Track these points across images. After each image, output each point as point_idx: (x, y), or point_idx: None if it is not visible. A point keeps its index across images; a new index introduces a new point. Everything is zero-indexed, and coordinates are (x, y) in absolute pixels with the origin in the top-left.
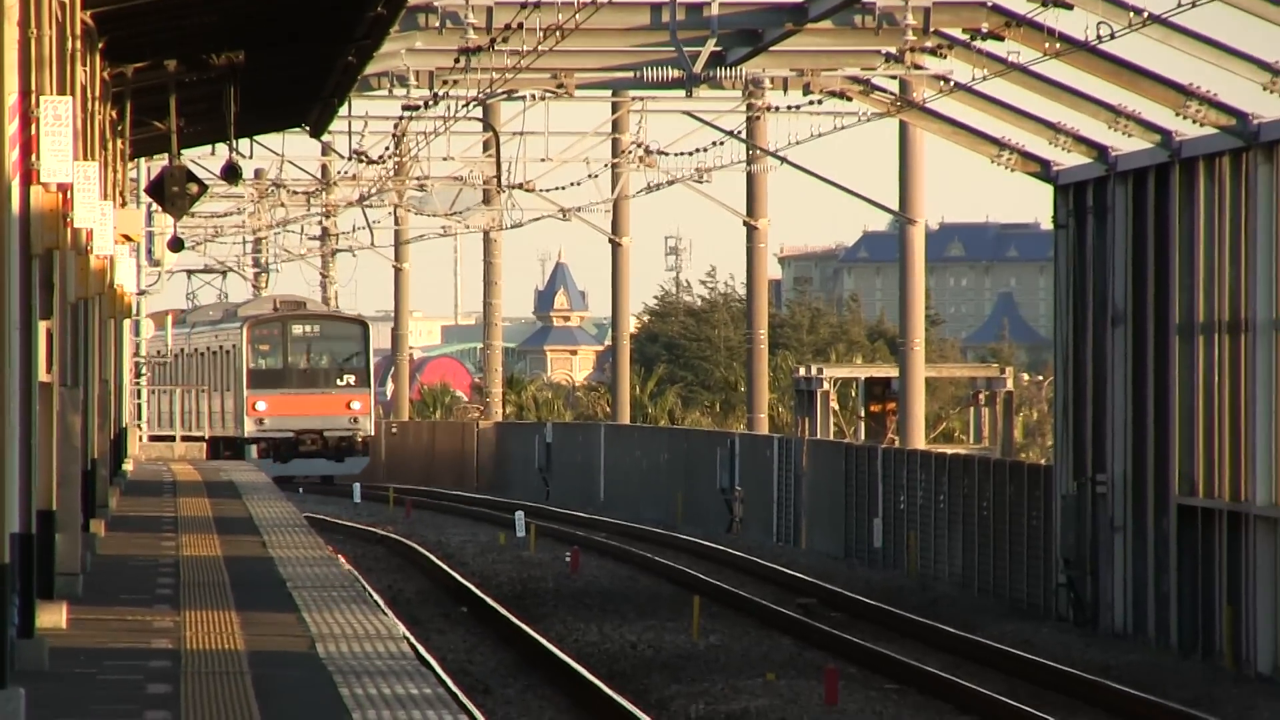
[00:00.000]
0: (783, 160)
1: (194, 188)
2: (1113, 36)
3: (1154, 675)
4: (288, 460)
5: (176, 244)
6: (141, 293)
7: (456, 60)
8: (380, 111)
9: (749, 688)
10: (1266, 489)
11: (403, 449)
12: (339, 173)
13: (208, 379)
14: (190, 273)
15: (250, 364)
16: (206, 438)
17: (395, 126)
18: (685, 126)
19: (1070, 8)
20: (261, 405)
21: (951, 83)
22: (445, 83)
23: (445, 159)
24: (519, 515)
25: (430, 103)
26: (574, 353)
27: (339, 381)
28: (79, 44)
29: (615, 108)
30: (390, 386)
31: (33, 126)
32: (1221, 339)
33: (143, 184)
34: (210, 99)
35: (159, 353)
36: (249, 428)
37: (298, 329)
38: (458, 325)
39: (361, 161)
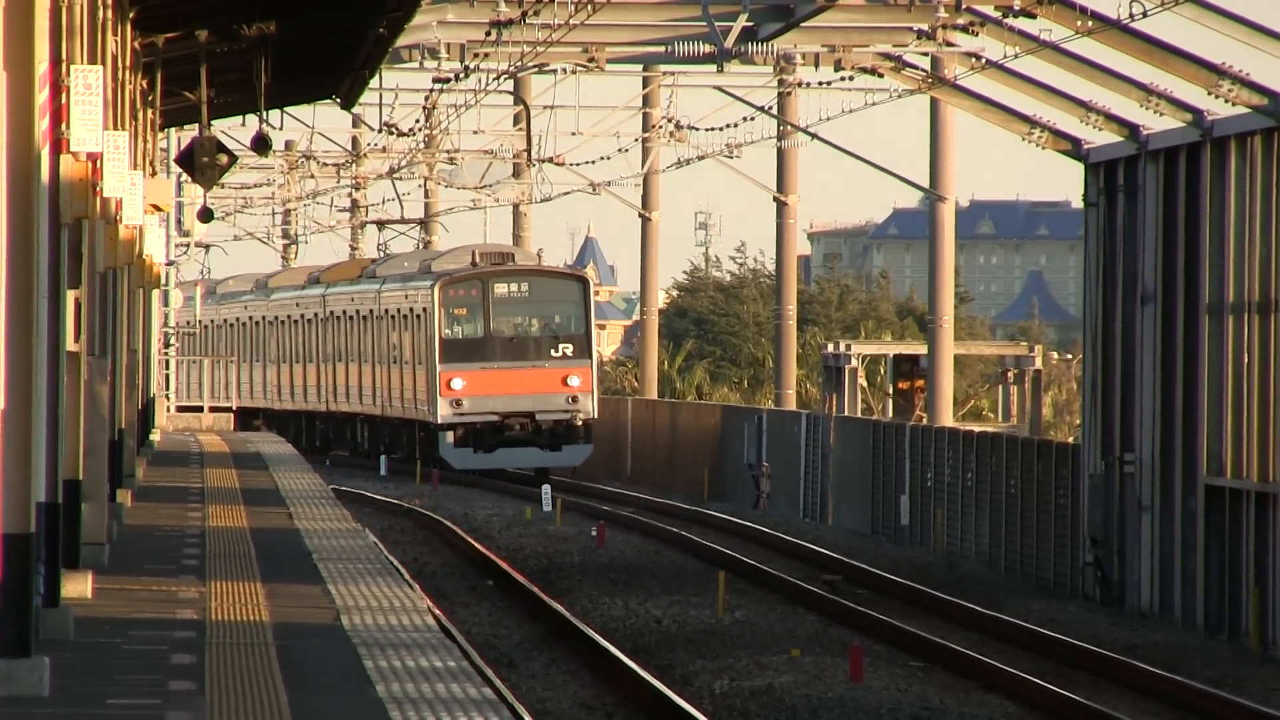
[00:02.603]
0: (813, 136)
1: (224, 158)
2: (1145, 15)
3: (1180, 655)
4: (492, 449)
5: (206, 214)
6: (171, 263)
7: (488, 33)
8: (411, 84)
9: (774, 664)
10: None
11: None
12: (369, 145)
13: (391, 347)
14: (381, 224)
15: (444, 331)
16: (235, 408)
17: (426, 99)
18: (716, 102)
19: None
20: (458, 383)
21: (983, 60)
22: (476, 55)
23: (476, 132)
24: (545, 489)
25: (461, 75)
26: (602, 327)
27: (553, 352)
28: (110, 13)
29: (646, 82)
30: None
31: (63, 95)
32: (1251, 319)
33: (173, 154)
34: (241, 69)
35: (189, 323)
36: (443, 411)
37: (502, 287)
38: None
39: (392, 134)
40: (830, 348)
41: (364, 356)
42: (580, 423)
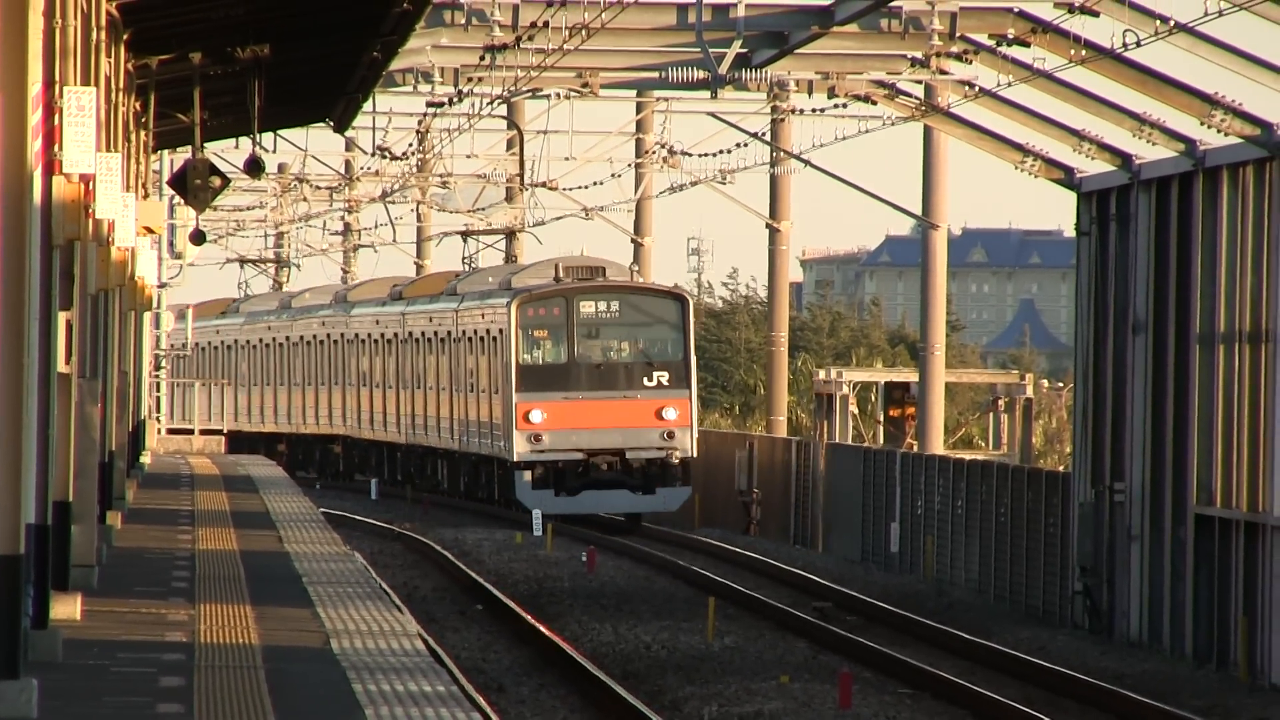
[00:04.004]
0: (806, 163)
1: (217, 181)
2: (1138, 44)
3: (1168, 684)
4: (575, 492)
5: (198, 237)
6: (162, 285)
7: (482, 57)
8: (404, 108)
9: (763, 690)
10: None
11: None
12: (362, 168)
13: (468, 373)
14: (465, 235)
15: (521, 357)
16: (225, 431)
17: (419, 123)
18: (709, 128)
19: (1096, 15)
20: (537, 415)
21: (976, 88)
22: (470, 80)
23: (469, 156)
24: (536, 514)
25: (454, 100)
26: None
27: (646, 381)
28: (104, 35)
29: (639, 108)
30: None
31: (56, 117)
32: (1242, 349)
33: (165, 176)
34: (235, 92)
35: (183, 345)
36: (519, 447)
37: (588, 306)
38: None
39: (385, 157)
40: (822, 374)
41: (442, 384)
42: (677, 461)
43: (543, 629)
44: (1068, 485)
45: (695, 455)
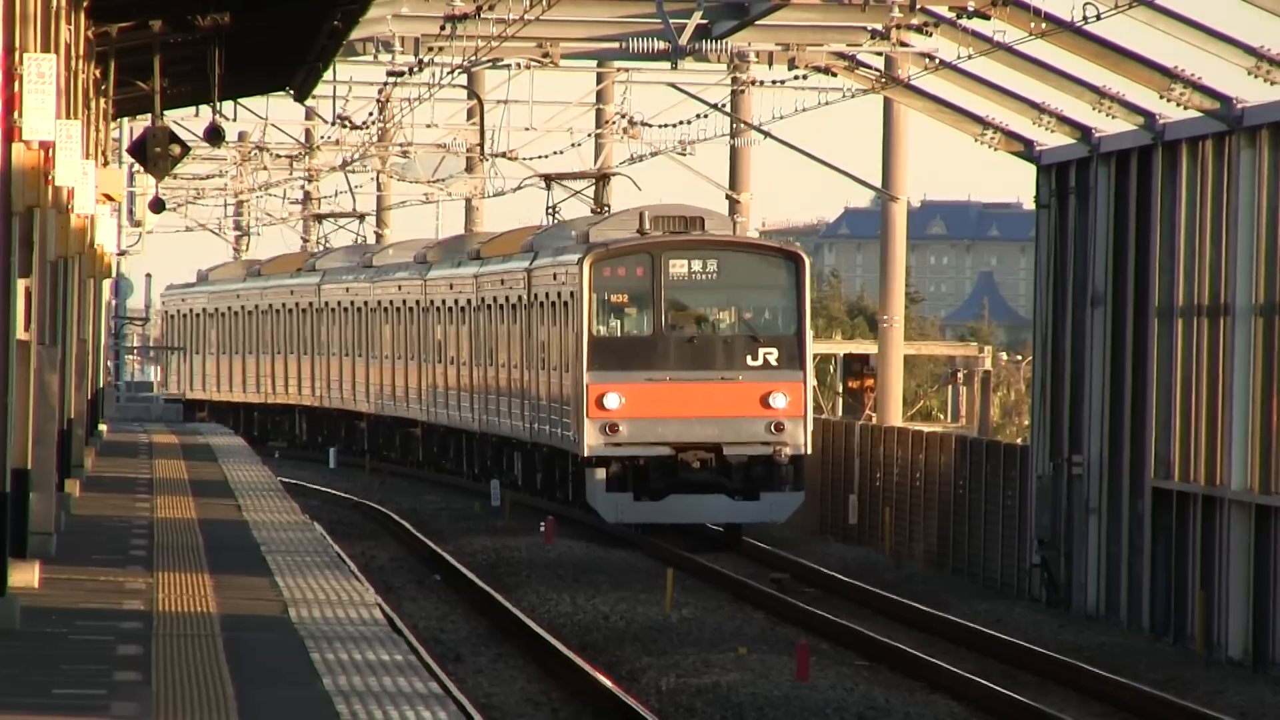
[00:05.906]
0: (766, 134)
1: (176, 149)
2: (1099, 17)
3: (1125, 657)
4: (660, 496)
5: (158, 205)
6: (122, 253)
7: (442, 27)
8: (365, 77)
9: (721, 661)
10: (1241, 474)
11: None
12: (322, 137)
13: (540, 348)
14: (549, 179)
15: (594, 327)
16: (184, 399)
17: (379, 92)
18: (669, 99)
19: None
20: (613, 400)
21: (937, 60)
22: (430, 49)
23: (429, 126)
24: (494, 484)
25: (415, 69)
26: None
27: (750, 360)
28: (64, 2)
29: (600, 78)
30: None
31: (16, 84)
32: (1200, 323)
33: (125, 144)
34: (195, 60)
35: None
36: (591, 439)
37: (679, 265)
38: None
39: (345, 127)
40: None
41: (514, 360)
42: (787, 459)
43: (500, 599)
44: (1026, 458)
45: (809, 453)
